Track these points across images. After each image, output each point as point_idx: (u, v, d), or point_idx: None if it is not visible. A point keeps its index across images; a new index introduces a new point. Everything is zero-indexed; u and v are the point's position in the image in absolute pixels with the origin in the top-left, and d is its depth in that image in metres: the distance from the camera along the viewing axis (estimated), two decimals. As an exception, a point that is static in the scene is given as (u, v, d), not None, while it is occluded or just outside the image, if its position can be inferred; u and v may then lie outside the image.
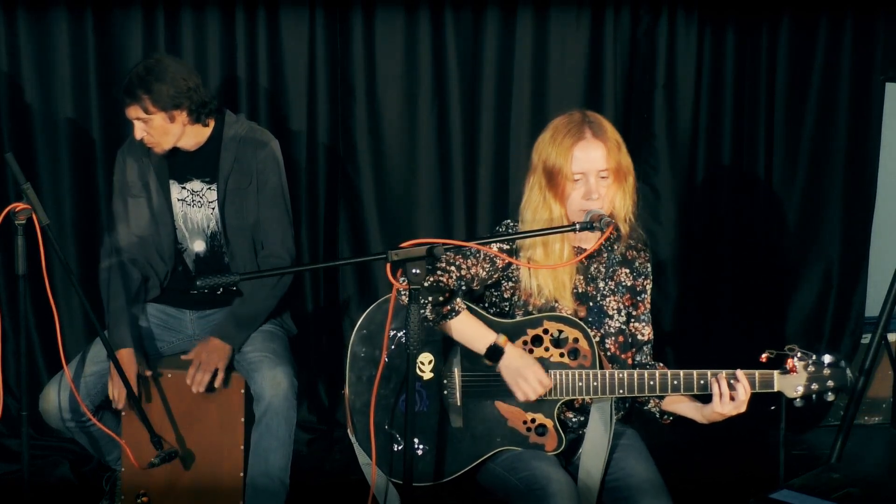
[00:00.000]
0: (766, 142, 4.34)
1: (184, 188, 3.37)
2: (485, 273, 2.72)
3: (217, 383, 3.23)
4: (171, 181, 3.36)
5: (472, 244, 2.63)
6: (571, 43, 4.16)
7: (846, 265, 4.45)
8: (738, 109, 4.32)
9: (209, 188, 3.35)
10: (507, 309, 2.77)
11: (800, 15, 4.28)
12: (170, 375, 3.27)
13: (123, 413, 3.24)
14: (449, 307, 2.64)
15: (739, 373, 2.60)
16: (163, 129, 3.22)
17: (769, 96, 4.33)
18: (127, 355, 3.22)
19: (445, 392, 2.71)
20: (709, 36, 4.26)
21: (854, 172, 4.40)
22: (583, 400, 2.74)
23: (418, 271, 2.36)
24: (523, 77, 4.13)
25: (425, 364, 2.72)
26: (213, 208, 3.35)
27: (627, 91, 4.25)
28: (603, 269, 2.79)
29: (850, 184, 4.40)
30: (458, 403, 2.69)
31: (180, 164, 3.36)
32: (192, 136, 3.30)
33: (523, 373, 2.62)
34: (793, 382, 2.62)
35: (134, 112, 3.21)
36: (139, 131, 3.22)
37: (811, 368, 2.62)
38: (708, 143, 4.32)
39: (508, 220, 2.80)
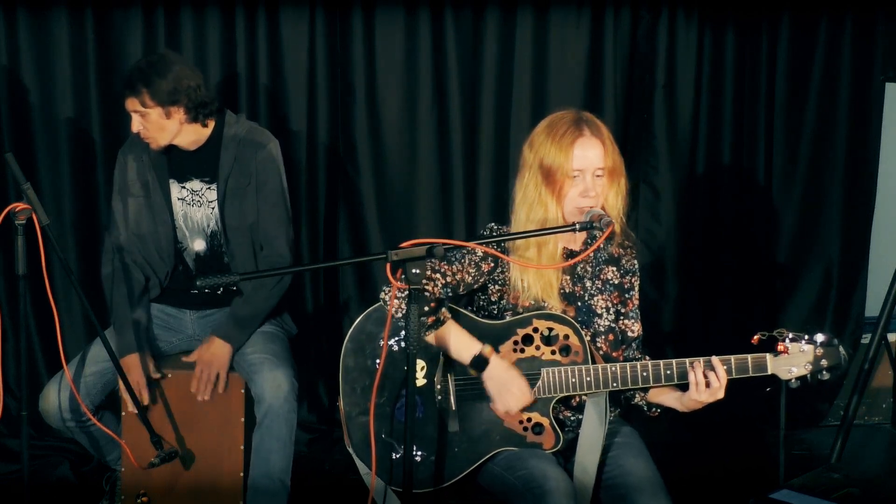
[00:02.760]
0: (766, 142, 4.35)
1: (184, 187, 3.37)
2: (471, 278, 2.71)
3: (220, 389, 3.23)
4: (171, 180, 3.36)
5: (471, 244, 2.63)
6: (571, 43, 4.16)
7: (846, 265, 4.45)
8: (738, 109, 4.32)
9: (209, 188, 3.35)
10: (494, 312, 2.77)
11: (800, 15, 4.28)
12: (170, 375, 3.28)
13: (124, 413, 3.24)
14: (434, 317, 2.64)
15: (715, 360, 2.60)
16: (158, 125, 3.22)
17: (769, 96, 4.33)
18: (133, 360, 3.23)
19: (440, 397, 2.71)
20: (709, 36, 4.26)
21: (854, 172, 4.40)
22: (580, 398, 2.74)
23: (418, 271, 2.36)
24: (523, 77, 4.13)
25: (418, 370, 2.71)
26: (213, 208, 3.35)
27: (627, 91, 4.25)
28: (590, 269, 2.79)
29: (850, 184, 4.40)
30: (454, 408, 2.69)
31: (180, 164, 3.36)
32: (190, 135, 3.29)
33: (508, 386, 2.63)
34: (786, 364, 2.61)
35: (132, 105, 3.21)
36: (136, 124, 3.23)
37: (804, 348, 2.61)
38: (708, 143, 4.33)
39: (493, 224, 2.80)
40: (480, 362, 2.64)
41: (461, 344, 2.66)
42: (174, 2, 3.91)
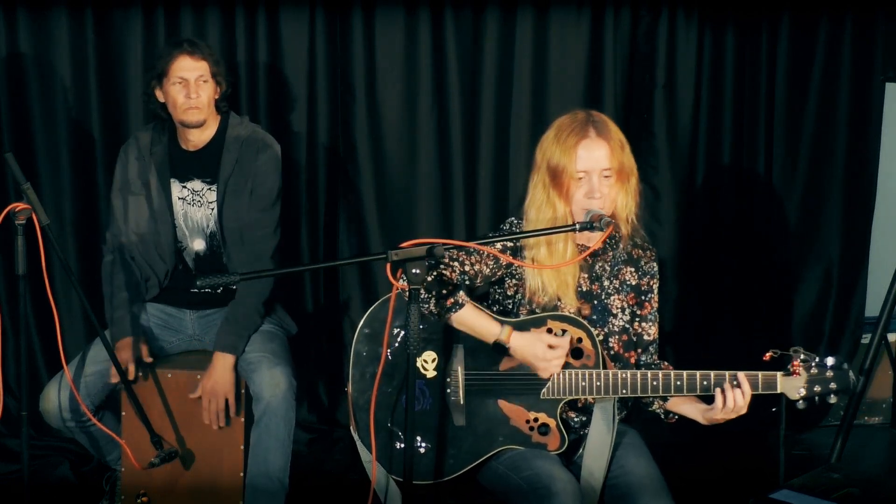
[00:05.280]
0: (766, 142, 4.35)
1: (184, 187, 3.37)
2: (488, 270, 2.72)
3: (232, 413, 3.22)
4: (173, 180, 3.37)
5: (472, 244, 2.63)
6: (571, 43, 4.16)
7: (846, 265, 4.45)
8: (738, 109, 4.32)
9: (209, 188, 3.35)
10: (510, 307, 2.78)
11: (800, 15, 4.28)
12: (170, 375, 3.27)
13: (124, 413, 3.24)
14: (452, 300, 2.64)
15: (741, 377, 2.61)
16: (211, 97, 3.31)
17: (769, 96, 4.33)
18: (126, 342, 3.24)
19: (448, 390, 2.72)
20: (709, 36, 4.26)
21: (854, 172, 4.40)
22: (585, 399, 2.74)
23: (418, 271, 2.36)
24: (523, 77, 4.13)
25: (428, 362, 2.72)
26: (213, 209, 3.35)
27: (627, 91, 4.25)
28: (608, 268, 2.79)
29: (850, 184, 4.40)
30: (461, 402, 2.70)
31: (182, 164, 3.37)
32: (206, 124, 3.33)
33: (536, 354, 2.63)
34: (795, 384, 2.63)
35: (201, 67, 3.27)
36: (194, 88, 3.25)
37: (814, 370, 2.62)
38: (708, 143, 4.33)
39: (512, 219, 2.80)
40: (501, 347, 2.65)
41: (481, 327, 2.66)
42: (174, 2, 3.91)
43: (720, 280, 4.42)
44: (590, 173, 2.65)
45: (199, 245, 3.39)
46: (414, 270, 2.36)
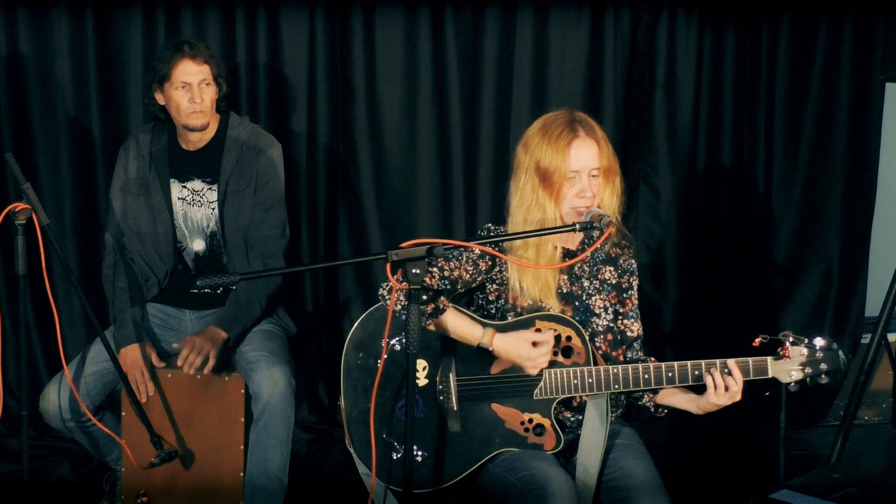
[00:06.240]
0: (766, 142, 4.34)
1: (184, 187, 3.37)
2: (468, 276, 2.71)
3: (207, 370, 3.20)
4: (172, 180, 3.37)
5: (471, 244, 2.63)
6: (571, 43, 4.16)
7: (846, 265, 4.45)
8: (738, 109, 4.32)
9: (210, 188, 3.35)
10: (493, 312, 2.78)
11: (800, 15, 4.28)
12: (170, 375, 3.27)
13: (124, 413, 3.24)
14: (434, 305, 2.64)
15: (731, 363, 2.61)
16: (213, 100, 3.31)
17: (769, 96, 4.33)
18: (133, 351, 3.23)
19: (441, 397, 2.71)
20: (709, 36, 4.26)
21: (854, 172, 4.40)
22: (580, 399, 2.74)
23: (418, 271, 2.36)
24: (523, 77, 4.13)
25: (419, 370, 2.72)
26: (213, 209, 3.35)
27: (627, 91, 4.25)
28: (587, 269, 2.79)
29: (850, 184, 4.40)
30: (455, 408, 2.69)
31: (182, 164, 3.37)
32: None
33: (521, 354, 2.63)
34: (786, 368, 2.62)
35: (203, 71, 3.26)
36: (198, 92, 3.25)
37: (804, 352, 2.62)
38: (708, 143, 4.33)
39: (489, 225, 2.80)
40: (485, 350, 2.65)
41: (463, 330, 2.66)
42: (174, 2, 3.91)
43: (720, 280, 4.42)
44: (580, 173, 2.65)
45: (198, 245, 3.39)
46: (414, 270, 2.36)
